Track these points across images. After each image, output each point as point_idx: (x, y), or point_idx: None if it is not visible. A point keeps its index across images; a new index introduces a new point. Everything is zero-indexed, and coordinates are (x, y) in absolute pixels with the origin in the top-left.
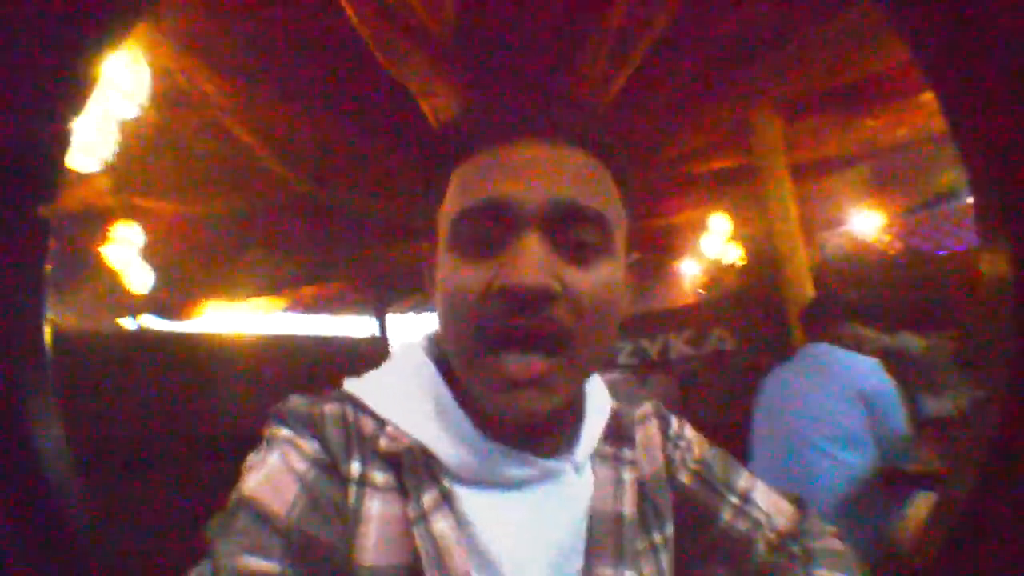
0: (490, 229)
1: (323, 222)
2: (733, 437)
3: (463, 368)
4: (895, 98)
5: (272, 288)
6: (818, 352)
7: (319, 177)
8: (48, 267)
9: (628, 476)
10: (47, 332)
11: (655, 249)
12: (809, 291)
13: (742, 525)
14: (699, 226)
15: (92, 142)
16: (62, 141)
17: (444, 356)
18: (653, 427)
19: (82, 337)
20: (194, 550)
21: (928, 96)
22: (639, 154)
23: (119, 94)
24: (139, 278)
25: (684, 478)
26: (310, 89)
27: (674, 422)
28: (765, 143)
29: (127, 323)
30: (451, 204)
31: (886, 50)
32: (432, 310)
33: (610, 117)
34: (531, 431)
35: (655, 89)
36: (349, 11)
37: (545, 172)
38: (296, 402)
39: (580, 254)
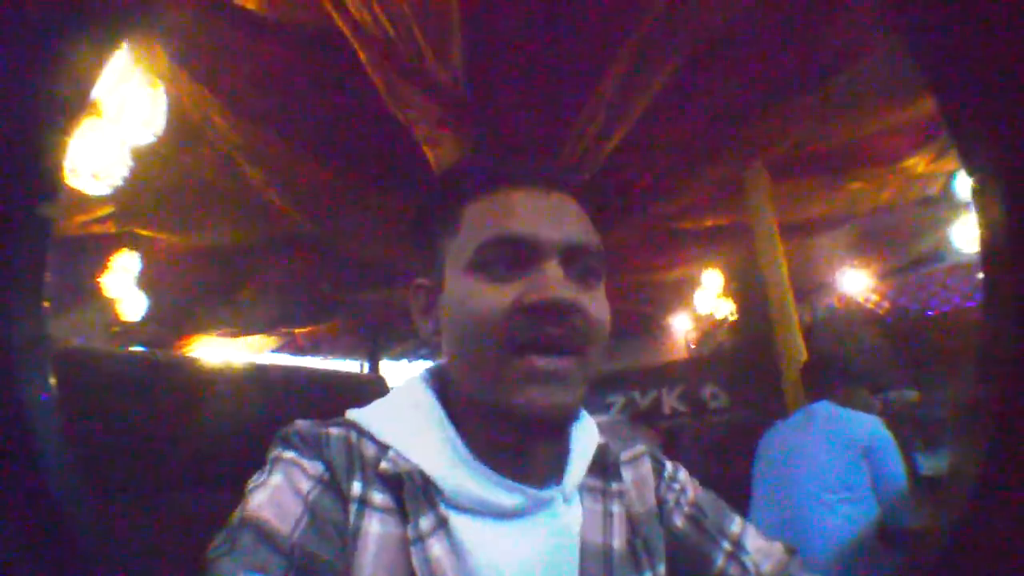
0: (515, 256)
1: (320, 264)
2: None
3: (487, 375)
4: (879, 163)
5: (265, 326)
6: (820, 409)
7: (322, 219)
8: (48, 267)
9: (617, 509)
10: (49, 334)
11: (648, 303)
12: (801, 348)
13: (733, 571)
14: (692, 282)
15: (104, 166)
16: (62, 139)
17: (444, 388)
18: (647, 467)
19: (91, 357)
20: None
21: (911, 162)
22: (634, 210)
23: (135, 120)
24: (133, 307)
25: (678, 520)
26: (318, 131)
27: (668, 465)
28: (756, 202)
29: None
30: (471, 233)
31: (871, 117)
32: (425, 358)
33: (606, 173)
34: (530, 454)
35: (650, 148)
36: (362, 57)
37: (555, 216)
38: (301, 425)
39: (585, 281)
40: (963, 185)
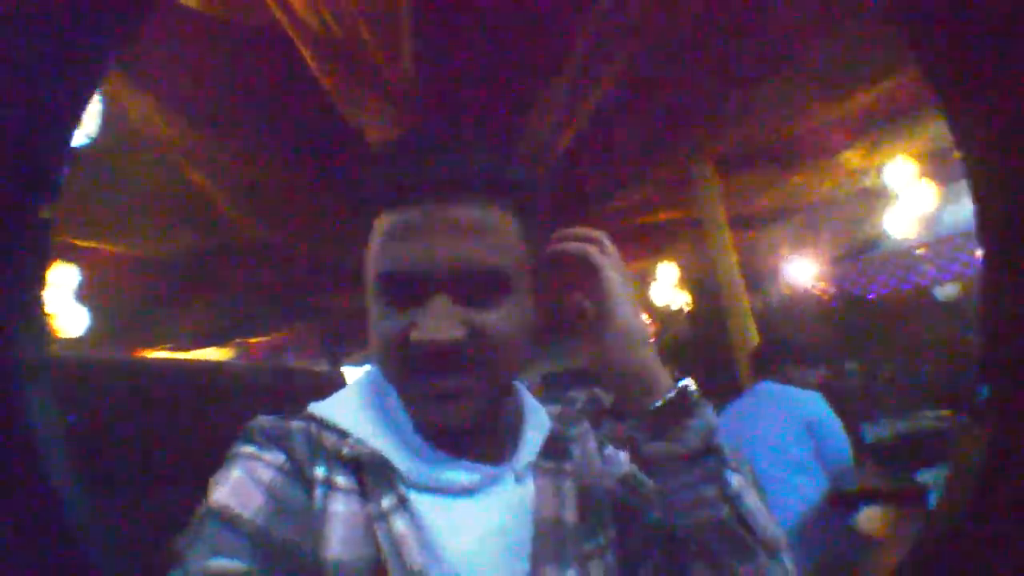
0: (404, 290)
1: (273, 269)
2: None
3: (395, 387)
4: (818, 156)
5: (218, 337)
6: (767, 389)
7: (271, 222)
8: (48, 268)
9: (569, 485)
10: (47, 333)
11: None
12: (754, 335)
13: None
14: (648, 276)
15: None
16: (66, 137)
17: None
18: (592, 443)
19: (80, 364)
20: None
21: (847, 155)
22: (588, 207)
23: None
24: (73, 322)
25: (616, 486)
26: (264, 132)
27: (607, 442)
28: (705, 196)
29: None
30: (372, 257)
31: (809, 112)
32: None
33: (558, 172)
34: (462, 439)
35: (600, 145)
36: (308, 58)
37: (447, 236)
38: (263, 420)
39: (484, 300)
40: (893, 176)
